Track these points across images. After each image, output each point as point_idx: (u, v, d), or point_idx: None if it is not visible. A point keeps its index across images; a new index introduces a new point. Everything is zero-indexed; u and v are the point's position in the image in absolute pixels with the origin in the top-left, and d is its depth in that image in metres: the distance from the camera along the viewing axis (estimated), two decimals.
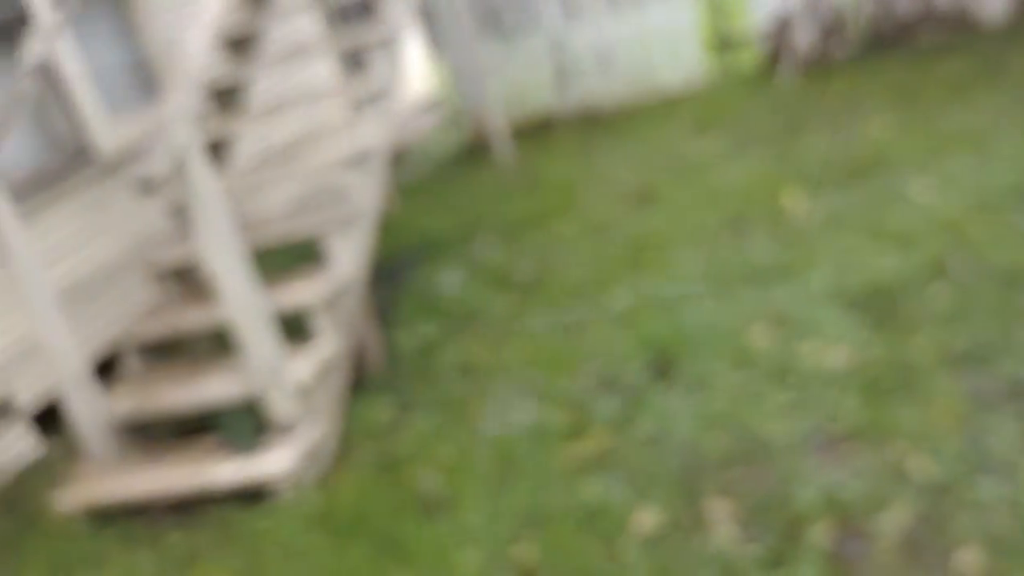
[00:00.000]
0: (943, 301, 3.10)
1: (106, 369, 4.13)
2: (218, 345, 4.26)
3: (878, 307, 3.19)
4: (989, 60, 5.39)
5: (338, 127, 6.74)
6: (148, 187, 2.83)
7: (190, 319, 3.77)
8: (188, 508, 3.28)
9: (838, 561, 2.22)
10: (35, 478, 3.99)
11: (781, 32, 6.37)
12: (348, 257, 3.81)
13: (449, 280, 4.60)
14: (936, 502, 2.30)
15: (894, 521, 2.28)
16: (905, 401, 2.69)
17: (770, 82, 6.25)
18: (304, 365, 3.39)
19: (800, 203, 4.24)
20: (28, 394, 4.29)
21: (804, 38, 6.32)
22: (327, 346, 3.54)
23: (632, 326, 3.59)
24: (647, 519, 2.51)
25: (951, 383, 2.71)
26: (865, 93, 5.48)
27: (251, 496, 3.20)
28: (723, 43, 6.90)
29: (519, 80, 7.17)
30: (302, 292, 3.61)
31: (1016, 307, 2.95)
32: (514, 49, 7.06)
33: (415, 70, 8.91)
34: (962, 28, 6.00)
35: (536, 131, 6.99)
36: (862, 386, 2.80)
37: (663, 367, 3.24)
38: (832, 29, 6.29)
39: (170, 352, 4.00)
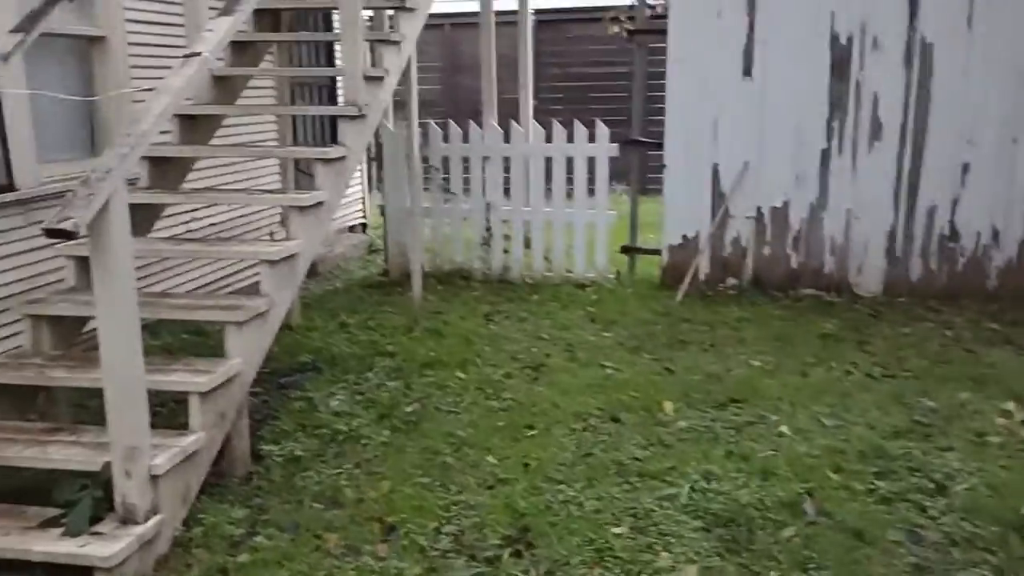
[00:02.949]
0: (795, 541, 3.25)
1: None
2: (80, 406, 4.08)
3: (734, 532, 3.31)
4: (859, 324, 5.93)
5: (269, 225, 6.80)
6: (63, 232, 2.75)
7: (58, 375, 3.59)
8: None
9: None
10: None
11: (685, 252, 6.87)
12: (241, 354, 3.74)
13: (334, 403, 4.55)
14: None
15: None
16: None
17: (668, 295, 6.66)
18: (164, 452, 3.24)
19: (677, 413, 4.44)
20: None
21: (705, 263, 6.83)
22: (193, 439, 3.41)
23: (500, 495, 3.61)
24: None
25: None
26: (750, 327, 5.89)
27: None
28: (633, 249, 7.36)
29: (448, 233, 7.48)
30: (184, 377, 3.51)
31: (859, 562, 3.12)
32: (452, 204, 7.37)
33: (354, 195, 9.11)
34: (842, 290, 6.66)
35: (452, 283, 7.20)
36: None
37: (522, 543, 3.25)
38: (729, 263, 6.83)
39: (26, 403, 3.79)
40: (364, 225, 9.53)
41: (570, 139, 7.12)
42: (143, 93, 5.14)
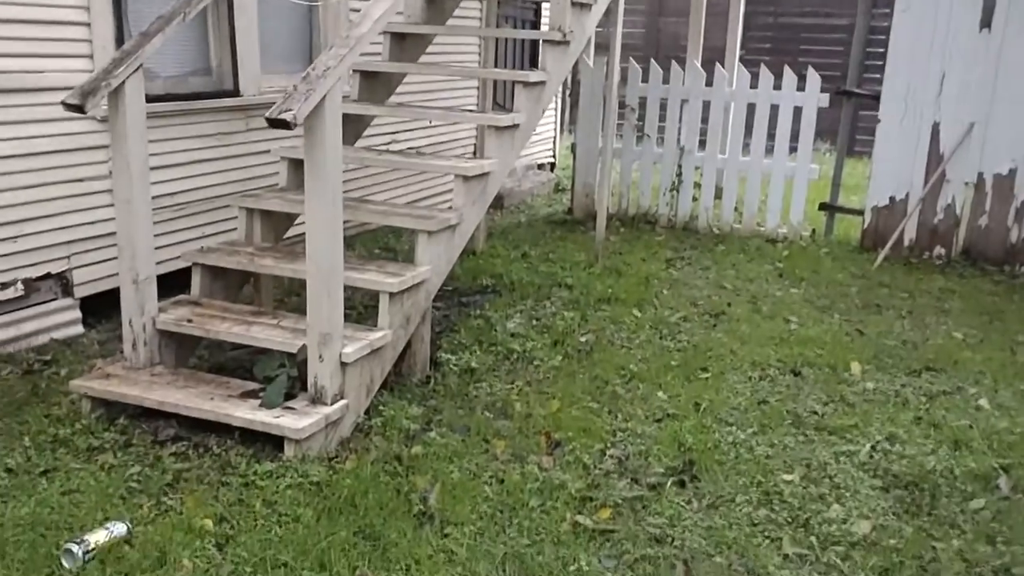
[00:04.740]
0: (984, 514, 3.02)
1: (174, 283, 4.26)
2: (280, 302, 4.39)
3: (915, 496, 3.12)
4: None
5: (464, 153, 6.97)
6: (282, 122, 2.93)
7: (266, 263, 3.86)
8: (192, 436, 3.32)
9: None
10: (65, 355, 4.10)
11: (891, 215, 6.42)
12: (429, 262, 3.88)
13: (511, 325, 4.65)
14: None
15: None
16: None
17: (867, 259, 6.27)
18: (354, 343, 3.43)
19: (866, 375, 4.21)
20: (89, 277, 4.43)
21: (912, 228, 6.36)
22: (380, 335, 3.59)
23: (668, 428, 3.57)
24: None
25: None
26: (955, 299, 5.46)
27: (256, 447, 3.24)
28: (833, 208, 6.96)
29: (637, 177, 7.39)
30: (376, 276, 3.69)
31: None
32: (644, 147, 7.25)
33: (545, 134, 9.18)
34: None
35: (635, 226, 7.13)
36: (878, 567, 2.73)
37: (687, 475, 3.21)
38: (938, 231, 6.32)
39: (235, 288, 4.12)
40: (553, 164, 9.58)
41: (777, 86, 6.79)
42: (358, 13, 5.36)
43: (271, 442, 3.23)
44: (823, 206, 7.01)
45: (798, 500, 3.07)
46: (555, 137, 9.54)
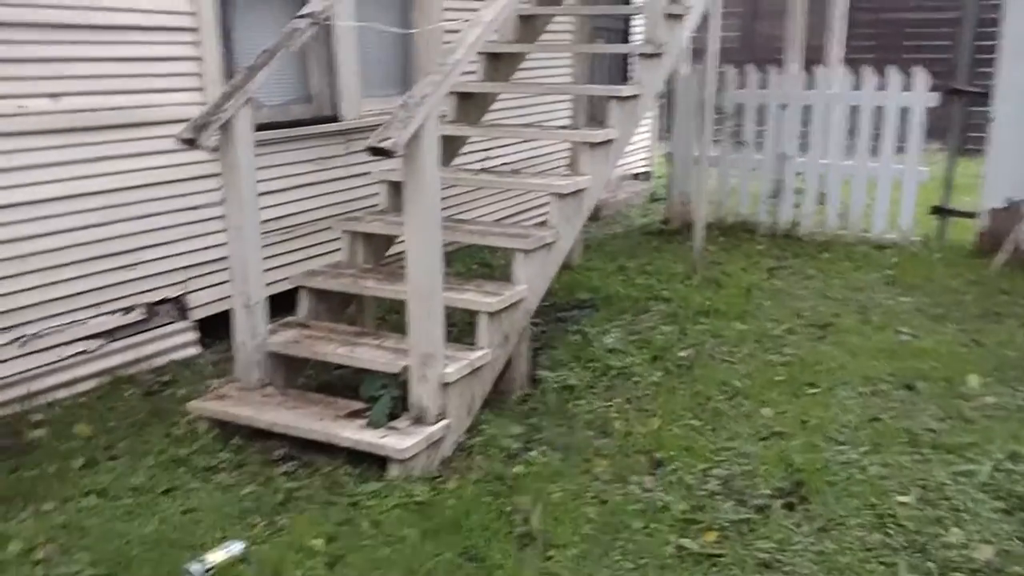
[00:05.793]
0: None
1: (279, 304, 4.41)
2: (381, 320, 4.49)
3: None
4: None
5: (558, 168, 7.00)
6: (383, 151, 3.00)
7: (368, 285, 3.96)
8: (301, 455, 3.43)
9: None
10: (183, 375, 4.30)
11: (1008, 217, 6.09)
12: (526, 281, 3.91)
13: (609, 340, 4.62)
14: None
15: None
16: None
17: (982, 263, 5.97)
18: (454, 363, 3.48)
19: (985, 388, 4.01)
20: (203, 300, 4.64)
21: None
22: (480, 354, 3.63)
23: (774, 447, 3.48)
24: None
25: None
26: None
27: (363, 466, 3.32)
28: (945, 211, 6.66)
29: (735, 184, 7.24)
30: (475, 296, 3.73)
31: None
32: (742, 154, 7.10)
33: (641, 143, 9.11)
34: None
35: (734, 235, 6.99)
36: None
37: (795, 496, 3.12)
38: None
39: (339, 309, 4.24)
40: (648, 173, 9.49)
41: (881, 87, 6.56)
42: (454, 35, 5.46)
43: (376, 461, 3.31)
44: (935, 209, 6.72)
45: (914, 523, 2.94)
46: (651, 146, 9.46)
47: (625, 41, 8.45)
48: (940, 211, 6.71)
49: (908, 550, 2.81)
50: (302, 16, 3.79)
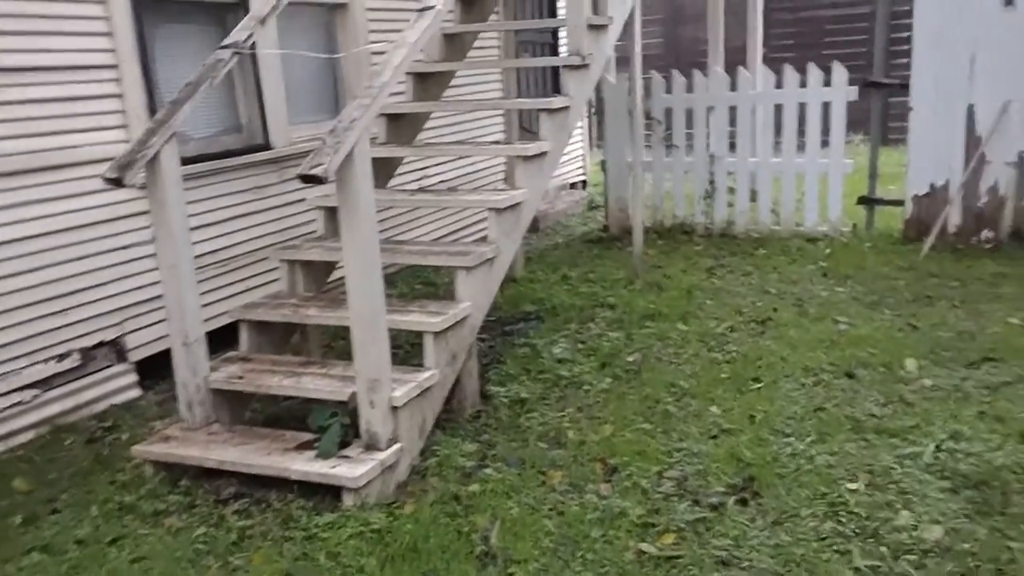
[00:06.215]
0: None
1: (221, 339, 4.33)
2: (327, 347, 4.44)
3: (986, 495, 3.04)
4: None
5: (493, 183, 7.02)
6: (314, 178, 2.97)
7: (311, 314, 3.91)
8: (252, 492, 3.37)
9: None
10: (125, 419, 4.20)
11: (932, 203, 6.30)
12: (470, 298, 3.90)
13: (557, 351, 4.65)
14: None
15: None
16: None
17: (911, 249, 6.17)
18: (402, 386, 3.46)
19: (923, 371, 4.13)
20: (141, 341, 4.53)
21: (956, 214, 6.24)
22: (428, 375, 3.61)
23: (724, 444, 3.53)
24: None
25: None
26: (1009, 283, 5.34)
27: (316, 498, 3.27)
28: (872, 200, 6.86)
29: (669, 187, 7.36)
30: (419, 317, 3.71)
31: None
32: (674, 158, 7.23)
33: (575, 152, 9.19)
34: None
35: (673, 238, 7.10)
36: (955, 574, 2.66)
37: (748, 491, 3.17)
38: (984, 215, 6.19)
39: (282, 340, 4.18)
40: (584, 182, 9.59)
41: (803, 84, 6.73)
42: (380, 57, 5.45)
43: (330, 492, 3.26)
44: (862, 199, 6.91)
45: (865, 509, 3.01)
46: (585, 155, 9.55)
47: (555, 53, 8.53)
48: (867, 201, 6.91)
49: (860, 536, 2.87)
50: (224, 47, 3.75)
